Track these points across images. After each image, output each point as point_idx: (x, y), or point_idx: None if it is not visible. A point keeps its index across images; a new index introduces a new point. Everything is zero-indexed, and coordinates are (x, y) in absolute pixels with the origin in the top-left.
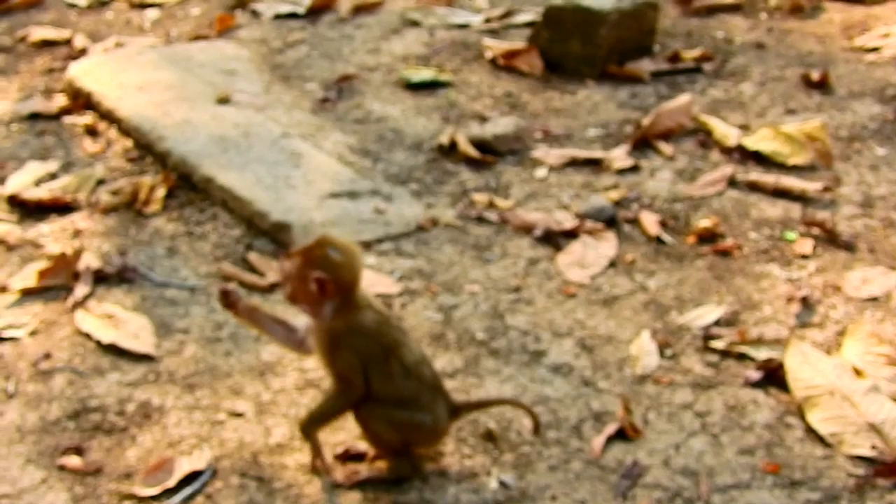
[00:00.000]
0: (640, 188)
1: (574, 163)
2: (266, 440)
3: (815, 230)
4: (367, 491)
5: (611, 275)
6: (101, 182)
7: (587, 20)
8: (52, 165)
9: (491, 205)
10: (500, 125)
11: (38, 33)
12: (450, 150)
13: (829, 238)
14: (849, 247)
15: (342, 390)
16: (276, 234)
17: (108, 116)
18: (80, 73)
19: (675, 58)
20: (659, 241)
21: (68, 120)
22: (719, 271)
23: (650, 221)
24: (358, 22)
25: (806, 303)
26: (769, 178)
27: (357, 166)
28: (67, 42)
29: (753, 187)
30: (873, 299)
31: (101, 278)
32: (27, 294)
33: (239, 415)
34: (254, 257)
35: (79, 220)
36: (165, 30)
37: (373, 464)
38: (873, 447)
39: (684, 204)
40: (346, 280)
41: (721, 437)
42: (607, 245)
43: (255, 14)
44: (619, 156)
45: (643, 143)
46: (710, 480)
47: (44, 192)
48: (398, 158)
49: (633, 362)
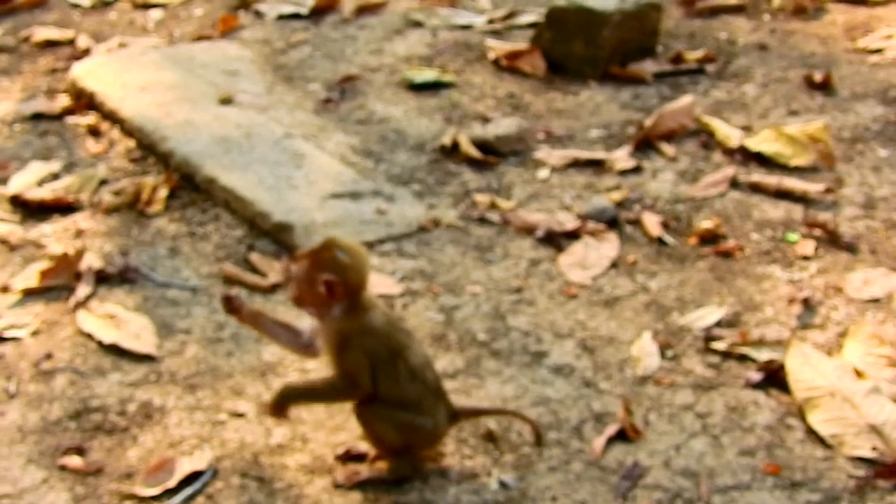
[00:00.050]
0: (642, 189)
1: (576, 164)
2: (267, 440)
3: (817, 231)
4: (367, 491)
5: (612, 276)
6: (103, 182)
7: (590, 21)
8: (54, 165)
9: (493, 205)
10: (502, 126)
11: (42, 33)
12: (452, 151)
13: (831, 239)
14: (850, 248)
15: (344, 386)
16: (278, 234)
17: (111, 117)
18: (83, 73)
19: (678, 59)
20: (660, 242)
21: (71, 120)
22: (721, 272)
23: (652, 222)
24: (361, 22)
25: (807, 304)
26: (771, 180)
27: (359, 167)
28: (71, 42)
29: (755, 188)
30: (874, 301)
31: (102, 278)
32: (29, 294)
33: (240, 415)
34: (255, 258)
35: (81, 220)
36: (169, 30)
37: (373, 464)
38: (874, 448)
39: (686, 205)
40: (354, 282)
41: (722, 438)
42: (609, 246)
43: (259, 14)
44: (622, 157)
45: (645, 144)
46: (711, 481)
47: (46, 193)
48: (400, 159)
49: (634, 363)
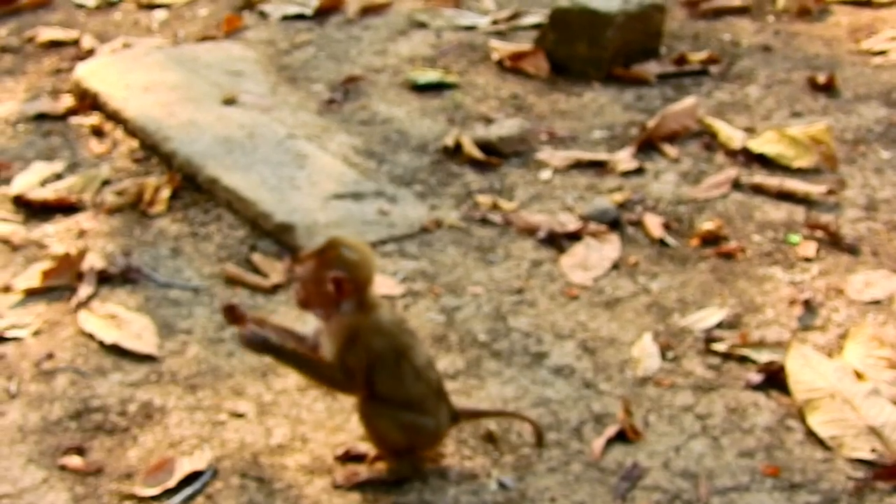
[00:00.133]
0: (645, 190)
1: (578, 165)
2: (267, 441)
3: (819, 233)
4: (366, 492)
5: (613, 277)
6: (106, 182)
7: (593, 22)
8: (57, 166)
9: (495, 206)
10: (504, 127)
11: (46, 34)
12: (455, 152)
13: (833, 241)
14: (852, 250)
15: (337, 376)
16: (280, 235)
17: (115, 117)
18: (87, 73)
19: (682, 60)
20: (662, 243)
21: (75, 120)
22: (722, 274)
23: (654, 224)
24: (365, 23)
25: (808, 306)
26: (773, 181)
27: (362, 167)
28: (75, 43)
29: (757, 190)
30: (875, 302)
31: (104, 279)
32: (31, 294)
33: (240, 415)
34: (257, 258)
35: (83, 220)
36: (173, 30)
37: (373, 465)
38: (873, 450)
39: (688, 206)
40: (362, 278)
41: (721, 439)
42: (610, 247)
43: (263, 15)
44: (624, 158)
45: (648, 146)
46: (710, 483)
47: (49, 193)
48: (403, 160)
49: (634, 364)
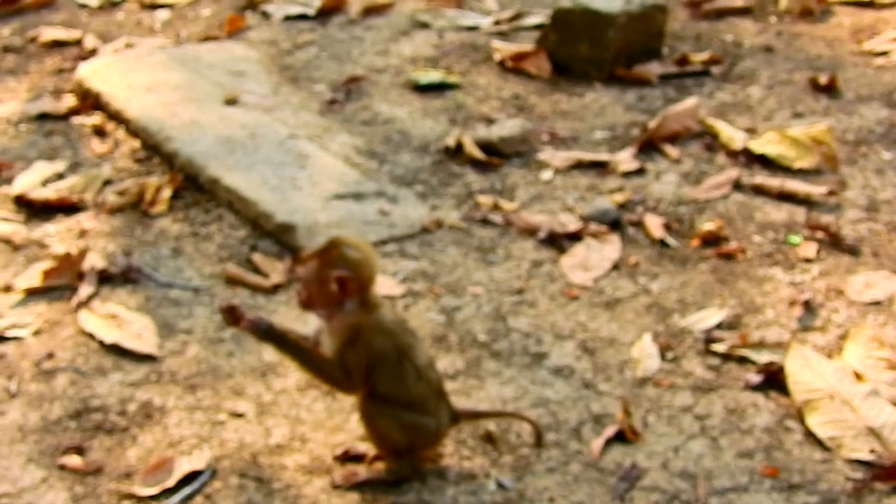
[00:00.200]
0: (646, 191)
1: (580, 165)
2: (266, 441)
3: (819, 234)
4: (365, 492)
5: (614, 277)
6: (107, 182)
7: (595, 23)
8: (59, 165)
9: (496, 207)
10: (506, 127)
11: (49, 34)
12: (456, 152)
13: (833, 242)
14: (853, 251)
15: (336, 374)
16: (281, 235)
17: (117, 117)
18: (90, 73)
19: (684, 61)
20: (663, 244)
21: (77, 120)
22: (722, 274)
23: (654, 224)
24: (368, 23)
25: (808, 306)
26: (774, 182)
27: (363, 168)
28: (78, 42)
29: (758, 191)
30: (876, 303)
31: (105, 278)
32: (32, 294)
33: (240, 415)
34: (258, 258)
35: (85, 220)
36: (175, 31)
37: (372, 465)
38: (872, 451)
39: (689, 207)
40: (365, 276)
41: (720, 440)
42: (611, 248)
43: (266, 15)
44: (625, 158)
45: (649, 146)
46: (709, 483)
47: (50, 193)
48: (404, 160)
49: (634, 365)
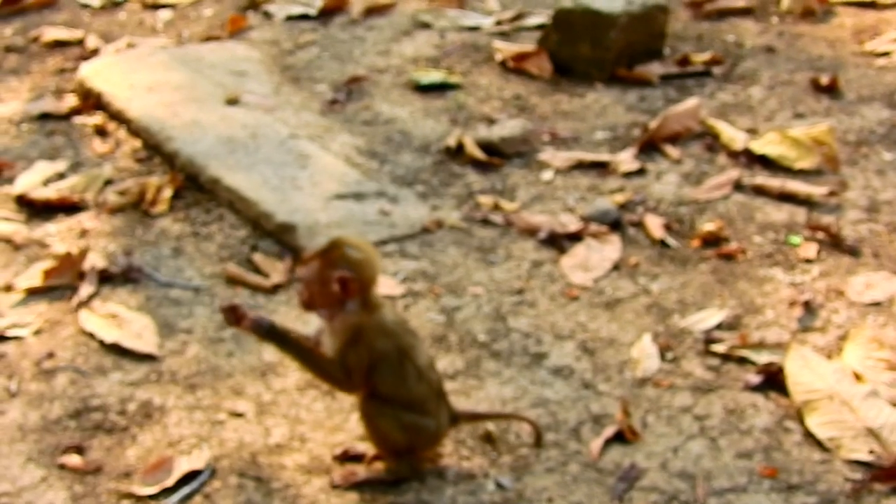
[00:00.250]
0: (646, 191)
1: (580, 165)
2: (265, 440)
3: (820, 234)
4: (364, 492)
5: (614, 278)
6: (108, 182)
7: (596, 23)
8: (60, 165)
9: (496, 207)
10: (507, 127)
11: (51, 33)
12: (457, 153)
13: (834, 242)
14: (853, 251)
15: (336, 373)
16: (282, 235)
17: (118, 117)
18: (91, 73)
19: (685, 61)
20: (663, 244)
21: (78, 120)
22: (723, 275)
23: (655, 225)
24: (369, 24)
25: (808, 307)
26: (775, 182)
27: (364, 168)
28: (80, 42)
29: (759, 191)
30: (876, 304)
31: (106, 278)
32: (32, 293)
33: (239, 415)
34: (259, 258)
35: (86, 219)
36: (177, 31)
37: (371, 465)
38: (871, 452)
39: (689, 207)
40: (367, 277)
41: (719, 440)
42: (611, 248)
43: (267, 15)
44: (626, 159)
45: (650, 147)
46: (707, 484)
47: (51, 192)
48: (405, 160)
49: (633, 365)
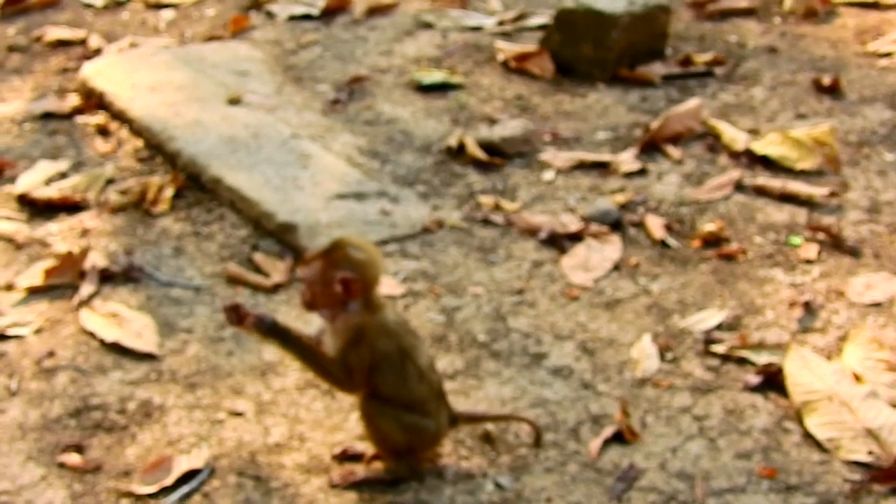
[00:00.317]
0: (647, 192)
1: (582, 166)
2: (265, 440)
3: (821, 235)
4: (363, 491)
5: (614, 278)
6: (110, 182)
7: (598, 23)
8: (62, 165)
9: (497, 207)
10: (508, 128)
11: (54, 33)
12: (458, 153)
13: (835, 243)
14: (854, 252)
15: (337, 373)
16: (282, 234)
17: (120, 116)
18: (94, 73)
19: (687, 62)
20: (663, 244)
21: (80, 119)
22: (723, 275)
23: (655, 225)
24: (372, 24)
25: (808, 308)
26: (776, 183)
27: (365, 168)
28: (82, 42)
29: (760, 192)
30: (876, 305)
31: (107, 277)
32: (33, 292)
33: (239, 414)
34: (259, 258)
35: (87, 219)
36: (180, 30)
37: (370, 464)
38: (870, 453)
39: (690, 208)
40: (370, 277)
41: (718, 441)
42: (612, 248)
43: (270, 15)
44: (627, 159)
45: (651, 147)
46: (706, 484)
47: (53, 192)
48: (406, 160)
49: (633, 365)
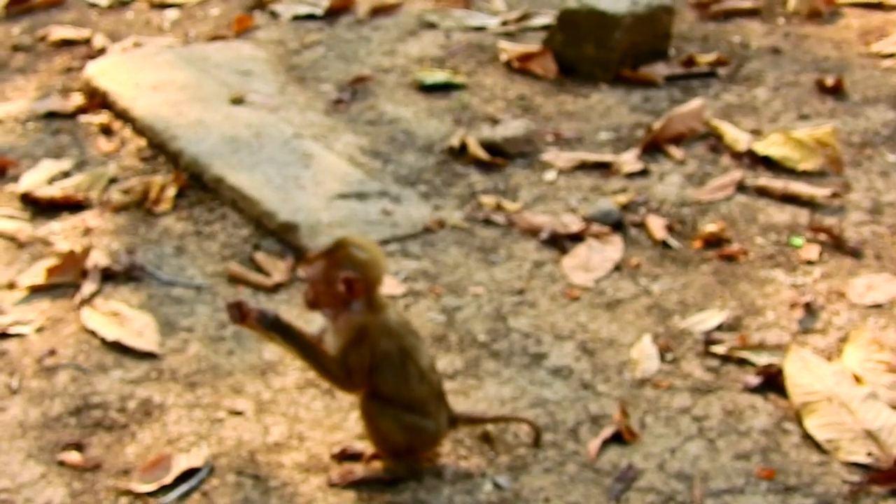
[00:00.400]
0: (649, 192)
1: (584, 166)
2: (264, 439)
3: (822, 236)
4: (362, 491)
5: (615, 278)
6: (113, 181)
7: (601, 24)
8: (65, 164)
9: (498, 207)
10: (510, 128)
11: (58, 33)
12: (460, 153)
13: (836, 244)
14: (855, 253)
15: (337, 372)
16: (284, 234)
17: (123, 116)
18: (97, 72)
19: (690, 62)
20: (665, 245)
21: (84, 119)
22: (724, 276)
23: (657, 225)
24: (375, 24)
25: (809, 309)
26: (778, 184)
27: (367, 167)
28: (87, 42)
29: (762, 192)
30: (877, 306)
31: (108, 276)
32: (35, 291)
33: (238, 413)
34: (261, 257)
35: (89, 218)
36: (184, 30)
37: (369, 464)
38: (869, 454)
39: (692, 208)
40: (373, 277)
41: (717, 441)
42: (613, 249)
43: (274, 15)
44: (629, 160)
45: (654, 147)
46: (704, 485)
47: (56, 191)
48: (408, 160)
49: (633, 366)
